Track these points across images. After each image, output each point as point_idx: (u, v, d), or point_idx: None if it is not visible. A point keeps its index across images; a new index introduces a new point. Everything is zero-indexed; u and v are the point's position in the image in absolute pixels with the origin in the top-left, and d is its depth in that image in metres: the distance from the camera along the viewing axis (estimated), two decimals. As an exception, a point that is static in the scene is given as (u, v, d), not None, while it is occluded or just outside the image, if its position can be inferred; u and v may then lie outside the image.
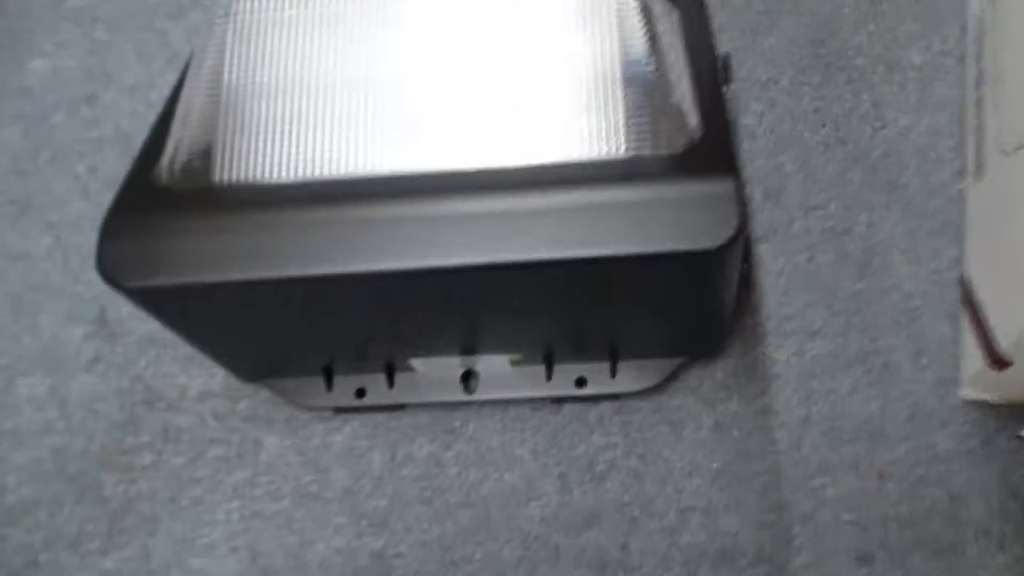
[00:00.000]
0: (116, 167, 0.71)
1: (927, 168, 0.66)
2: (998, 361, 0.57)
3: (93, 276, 0.47)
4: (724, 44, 0.70)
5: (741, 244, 0.46)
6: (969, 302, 0.62)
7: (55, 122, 0.74)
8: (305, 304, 0.52)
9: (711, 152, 0.48)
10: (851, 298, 0.63)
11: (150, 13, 0.78)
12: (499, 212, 0.47)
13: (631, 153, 0.48)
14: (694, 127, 0.48)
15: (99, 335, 0.66)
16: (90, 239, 0.48)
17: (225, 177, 0.50)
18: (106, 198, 0.49)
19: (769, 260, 0.64)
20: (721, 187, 0.46)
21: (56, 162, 0.73)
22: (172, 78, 0.59)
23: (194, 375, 0.65)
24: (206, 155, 0.51)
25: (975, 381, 0.60)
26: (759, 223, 0.65)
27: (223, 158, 0.51)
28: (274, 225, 0.48)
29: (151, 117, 0.53)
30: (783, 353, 0.62)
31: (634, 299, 0.52)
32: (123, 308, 0.65)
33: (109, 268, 0.47)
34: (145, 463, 0.63)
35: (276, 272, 0.47)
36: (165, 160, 0.51)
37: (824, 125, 0.68)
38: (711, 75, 0.53)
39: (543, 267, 0.46)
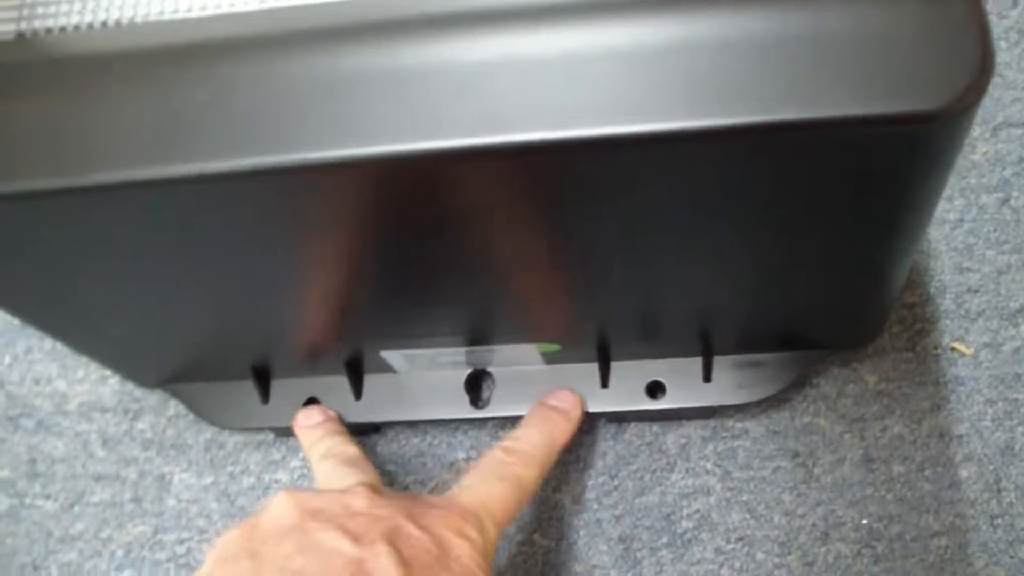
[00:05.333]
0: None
1: None
2: None
3: None
4: None
5: (977, 107, 0.28)
6: None
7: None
8: (208, 240, 0.34)
9: None
10: None
11: None
12: (547, 55, 0.28)
13: None
14: None
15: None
16: None
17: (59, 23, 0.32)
18: None
19: (943, 203, 0.47)
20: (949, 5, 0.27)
21: None
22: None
23: (77, 378, 0.52)
24: None
25: None
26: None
27: None
28: (144, 92, 0.30)
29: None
30: (967, 345, 0.46)
31: (770, 220, 0.33)
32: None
33: None
34: (0, 510, 0.50)
35: (150, 171, 0.29)
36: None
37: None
38: None
39: (621, 149, 0.28)
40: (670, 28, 0.28)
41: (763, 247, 0.35)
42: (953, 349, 0.45)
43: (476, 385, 0.46)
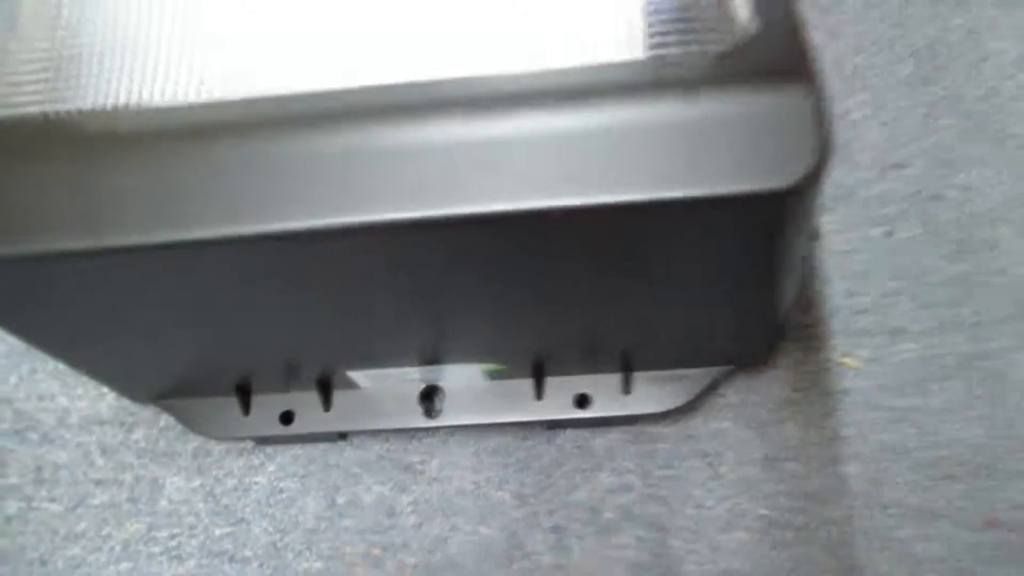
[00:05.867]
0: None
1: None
2: None
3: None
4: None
5: (821, 184, 0.33)
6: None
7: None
8: (193, 292, 0.39)
9: (773, 48, 0.34)
10: (946, 285, 0.51)
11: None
12: (469, 142, 0.34)
13: (655, 53, 0.35)
14: (747, 16, 0.35)
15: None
16: None
17: (78, 105, 0.37)
18: None
19: (835, 236, 0.52)
20: (789, 96, 0.33)
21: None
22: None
23: (78, 395, 0.55)
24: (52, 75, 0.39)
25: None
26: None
27: (79, 79, 0.38)
28: (151, 168, 0.35)
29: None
30: (856, 359, 0.51)
31: (659, 274, 0.39)
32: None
33: None
34: (10, 512, 0.53)
35: (152, 237, 0.34)
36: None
37: (904, 59, 0.55)
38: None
39: (527, 221, 0.33)
40: (518, 124, 0.33)
41: (660, 293, 0.41)
42: (842, 363, 0.50)
43: (429, 398, 0.50)
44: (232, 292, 0.40)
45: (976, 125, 0.53)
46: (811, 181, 0.32)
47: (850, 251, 0.52)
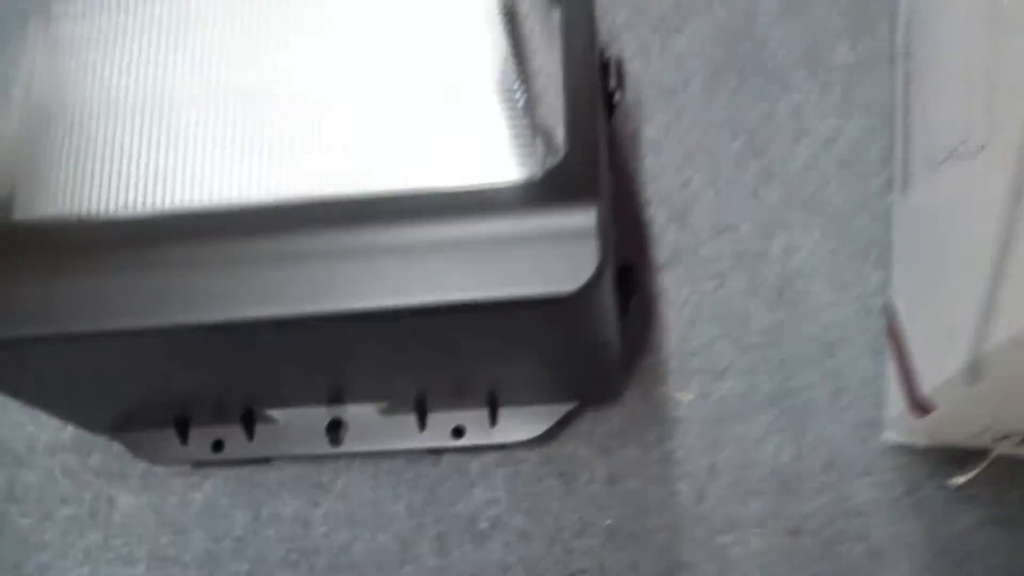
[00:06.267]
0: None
1: (851, 182, 0.60)
2: (919, 405, 0.51)
3: None
4: (628, 44, 0.64)
5: (606, 285, 0.42)
6: (893, 335, 0.55)
7: None
8: (139, 359, 0.48)
9: (573, 177, 0.43)
10: (764, 331, 0.58)
11: None
12: (325, 252, 0.43)
13: (483, 180, 0.43)
14: (559, 147, 0.43)
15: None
16: None
17: (44, 212, 0.46)
18: None
19: (673, 289, 0.59)
20: (579, 219, 0.41)
21: None
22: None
23: (43, 424, 0.60)
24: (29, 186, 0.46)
25: (899, 424, 0.54)
26: (663, 247, 0.60)
27: (50, 189, 0.46)
28: (102, 268, 0.44)
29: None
30: (688, 394, 0.57)
31: (497, 346, 0.47)
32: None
33: None
34: None
35: (97, 326, 0.43)
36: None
37: (738, 136, 0.62)
38: (588, 85, 0.46)
39: (376, 318, 0.42)
40: (364, 238, 0.42)
41: (509, 354, 0.48)
42: (677, 398, 0.56)
43: (334, 430, 0.55)
44: (172, 360, 0.48)
45: (795, 194, 0.60)
46: (593, 284, 0.40)
47: (686, 302, 0.59)
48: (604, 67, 0.55)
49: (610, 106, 0.56)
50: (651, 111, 0.63)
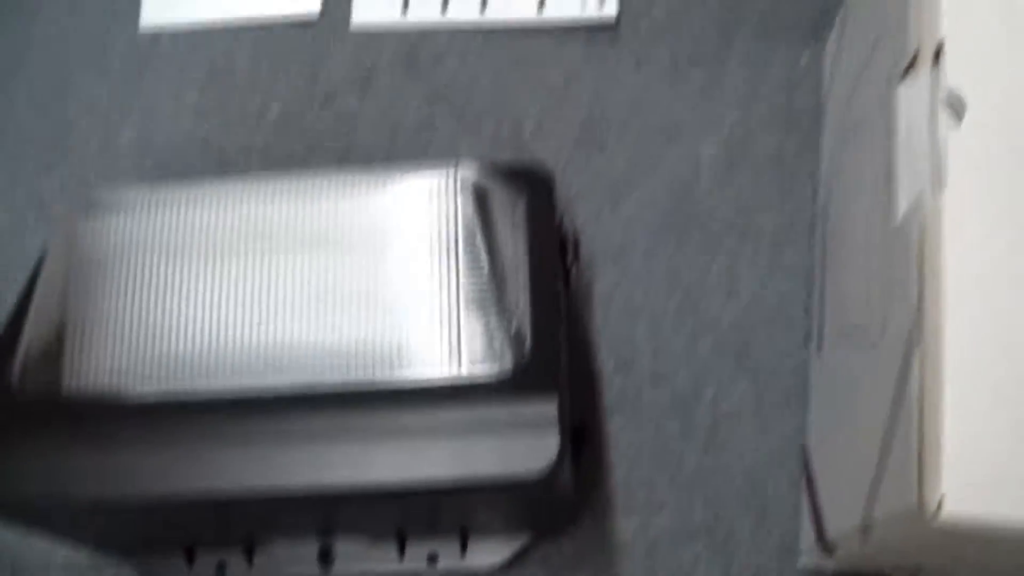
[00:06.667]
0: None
1: (775, 335, 0.69)
2: (825, 545, 0.59)
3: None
4: (580, 212, 0.72)
5: (566, 467, 0.49)
6: (807, 476, 0.64)
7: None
8: (155, 516, 0.55)
9: (537, 374, 0.51)
10: (696, 470, 0.66)
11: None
12: (320, 433, 0.50)
13: (456, 374, 0.51)
14: (526, 342, 0.51)
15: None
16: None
17: (75, 385, 0.53)
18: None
19: (619, 432, 0.67)
20: (543, 411, 0.48)
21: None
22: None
23: (59, 547, 0.66)
24: (58, 360, 0.54)
25: (812, 552, 0.63)
26: (611, 394, 0.68)
27: (73, 365, 0.54)
28: (121, 441, 0.51)
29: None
30: (630, 527, 0.65)
31: (469, 507, 0.56)
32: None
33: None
34: None
35: (115, 492, 0.50)
36: (16, 363, 0.53)
37: (675, 292, 0.71)
38: (551, 285, 0.55)
39: (365, 492, 0.50)
40: (393, 421, 0.50)
41: (478, 508, 0.57)
42: (623, 529, 0.65)
43: (325, 556, 0.63)
44: (183, 516, 0.56)
45: (725, 346, 0.69)
46: (555, 468, 0.48)
47: (630, 444, 0.66)
48: (563, 243, 0.64)
49: (567, 275, 0.65)
50: (602, 269, 0.72)
